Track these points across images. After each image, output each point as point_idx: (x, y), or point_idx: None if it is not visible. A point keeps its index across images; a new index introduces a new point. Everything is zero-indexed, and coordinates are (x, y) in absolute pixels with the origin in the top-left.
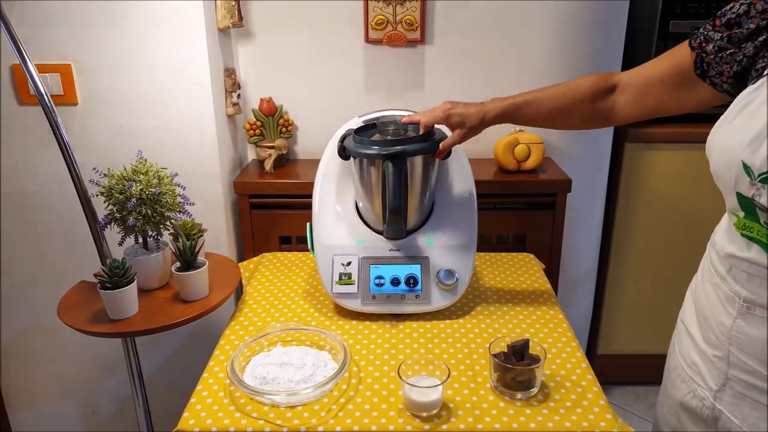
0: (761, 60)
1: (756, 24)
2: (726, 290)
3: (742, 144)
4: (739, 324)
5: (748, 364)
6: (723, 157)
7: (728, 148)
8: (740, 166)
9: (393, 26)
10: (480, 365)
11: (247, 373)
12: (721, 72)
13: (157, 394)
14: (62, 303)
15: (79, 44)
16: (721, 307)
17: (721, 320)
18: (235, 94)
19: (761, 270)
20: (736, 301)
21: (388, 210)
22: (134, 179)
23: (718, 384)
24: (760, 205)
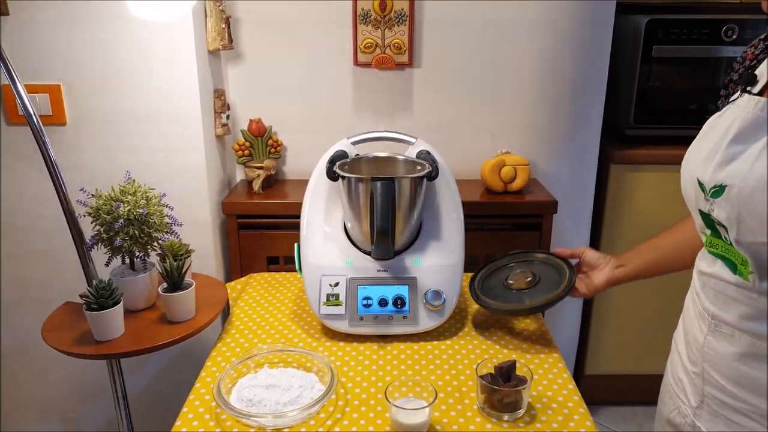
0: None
1: (740, 72)
2: (699, 306)
3: (698, 161)
4: (709, 340)
5: (719, 381)
6: (686, 175)
7: (689, 167)
8: (696, 183)
9: (381, 50)
10: (467, 387)
11: (234, 395)
12: None
13: (142, 415)
14: (47, 324)
15: (69, 65)
16: (696, 323)
17: (696, 336)
18: (224, 114)
19: (726, 286)
20: (706, 318)
21: (376, 230)
22: (122, 200)
23: (697, 401)
24: (716, 220)
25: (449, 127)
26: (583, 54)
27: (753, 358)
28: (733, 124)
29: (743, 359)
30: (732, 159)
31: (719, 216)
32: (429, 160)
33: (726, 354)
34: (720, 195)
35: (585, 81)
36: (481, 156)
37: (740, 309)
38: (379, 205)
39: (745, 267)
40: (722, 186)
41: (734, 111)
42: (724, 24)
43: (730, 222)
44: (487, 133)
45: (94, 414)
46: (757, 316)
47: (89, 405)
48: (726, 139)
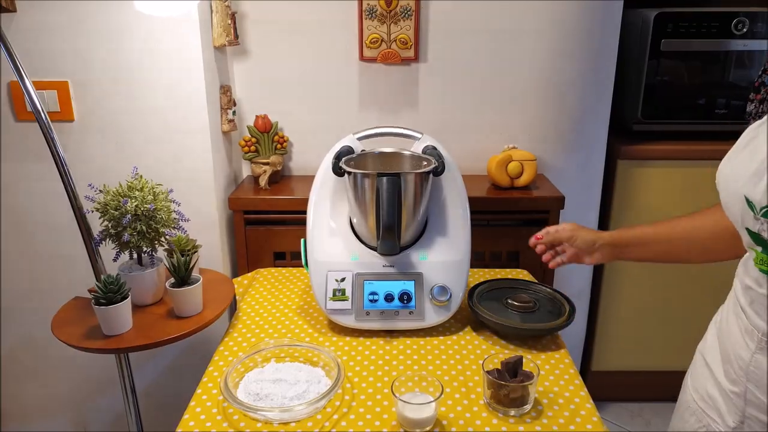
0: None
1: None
2: (746, 322)
3: (744, 178)
4: (757, 359)
5: (765, 402)
6: (729, 193)
7: (732, 183)
8: (744, 201)
9: (387, 45)
10: (473, 382)
11: (241, 389)
12: None
13: (150, 410)
14: (56, 319)
15: (76, 61)
16: (741, 340)
17: (741, 354)
18: (230, 111)
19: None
20: (755, 335)
21: (382, 226)
22: (129, 195)
23: (736, 421)
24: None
25: (455, 122)
26: (591, 49)
27: None
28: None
29: None
30: None
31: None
32: (435, 155)
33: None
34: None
35: (592, 76)
36: (488, 151)
37: None
38: (385, 201)
39: None
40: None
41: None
42: (734, 17)
43: None
44: (494, 128)
45: (104, 408)
46: None
47: (98, 399)
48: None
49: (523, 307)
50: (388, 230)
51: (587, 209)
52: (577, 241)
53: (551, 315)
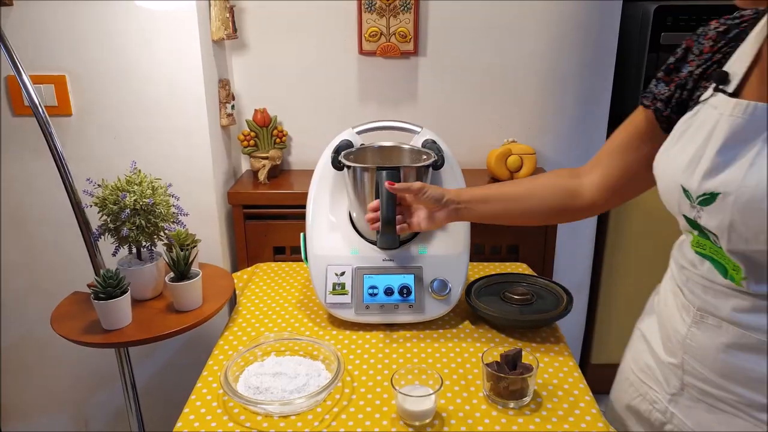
0: (698, 90)
1: (695, 65)
2: (683, 299)
3: (680, 168)
4: (693, 332)
5: (702, 372)
6: (666, 182)
7: (669, 173)
8: (680, 189)
9: (386, 38)
10: (473, 374)
11: (241, 383)
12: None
13: (150, 404)
14: (55, 313)
15: (74, 55)
16: (678, 316)
17: (678, 328)
18: (229, 105)
19: (713, 283)
20: (691, 310)
21: (381, 220)
22: (128, 190)
23: (676, 389)
24: (704, 228)
25: (455, 116)
26: (590, 42)
27: (740, 349)
28: (717, 129)
29: (730, 350)
30: (723, 166)
31: (708, 224)
32: (435, 149)
33: (711, 346)
34: (711, 203)
35: (592, 69)
36: (488, 145)
37: (732, 303)
38: (384, 195)
39: (737, 272)
40: (713, 194)
41: (711, 113)
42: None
43: (721, 230)
44: (493, 122)
45: (104, 403)
46: (750, 309)
47: (99, 394)
48: (712, 145)
49: (521, 299)
50: (388, 224)
51: None
52: (427, 192)
53: (549, 307)
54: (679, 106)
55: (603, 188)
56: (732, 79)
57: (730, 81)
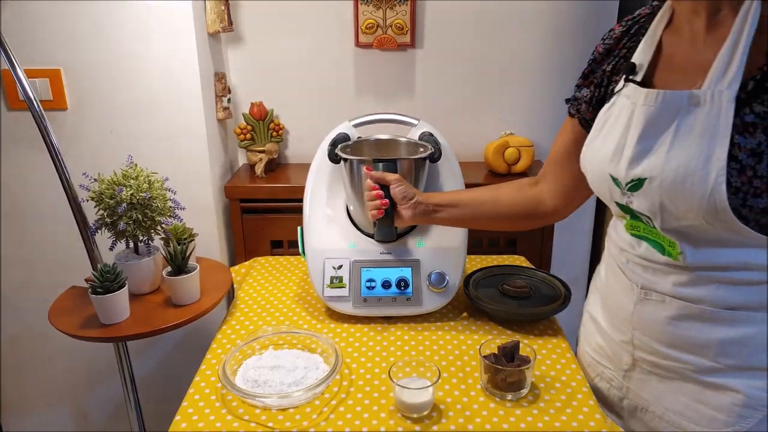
0: (611, 84)
1: (606, 64)
2: (625, 280)
3: (606, 159)
4: (639, 309)
5: (651, 345)
6: (595, 173)
7: (596, 165)
8: (609, 179)
9: (383, 30)
10: (470, 366)
11: (239, 376)
12: None
13: (149, 398)
14: (53, 308)
15: (69, 49)
16: (622, 295)
17: (624, 307)
18: (225, 98)
19: (652, 262)
20: (634, 289)
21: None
22: (124, 184)
23: (628, 364)
24: (636, 211)
25: (452, 108)
26: (588, 33)
27: (684, 319)
28: (634, 119)
29: (675, 322)
30: (645, 153)
31: (640, 207)
32: (432, 141)
33: (657, 319)
34: (639, 188)
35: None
36: (485, 138)
37: (672, 278)
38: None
39: (673, 248)
40: (640, 179)
41: (625, 103)
42: None
43: (653, 212)
44: (491, 114)
45: (103, 396)
46: (688, 283)
47: (97, 388)
48: (632, 134)
49: (519, 292)
50: (385, 217)
51: None
52: (399, 187)
53: (547, 300)
54: (599, 103)
55: (559, 196)
56: (639, 70)
57: (638, 71)
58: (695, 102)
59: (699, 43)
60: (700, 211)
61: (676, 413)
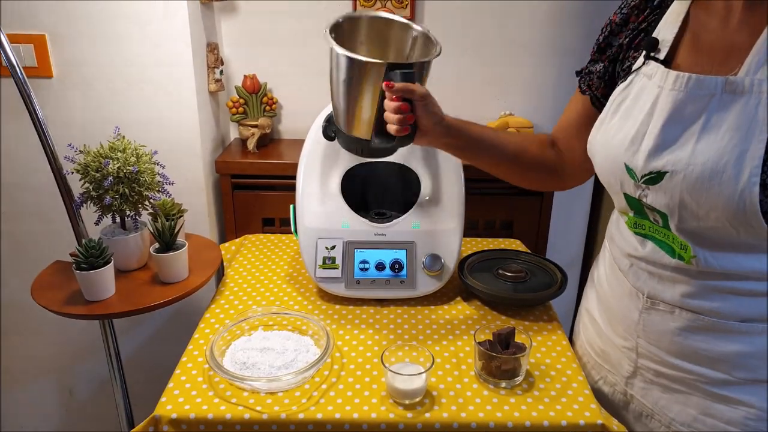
0: (627, 61)
1: (624, 36)
2: (629, 286)
3: (622, 146)
4: (645, 318)
5: (657, 355)
6: (607, 160)
7: (610, 151)
8: (623, 168)
9: (382, 3)
10: (464, 353)
11: (227, 358)
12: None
13: (136, 376)
14: (36, 283)
15: (54, 14)
16: (627, 301)
17: (628, 315)
18: (217, 70)
19: (662, 267)
20: (640, 297)
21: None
22: (111, 156)
23: (629, 371)
24: (647, 205)
25: (451, 86)
26: (590, 14)
27: (695, 331)
28: (659, 105)
29: (685, 333)
30: (669, 144)
31: (655, 203)
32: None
33: (666, 330)
34: (658, 182)
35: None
36: (484, 118)
37: (680, 289)
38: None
39: (685, 251)
40: (661, 173)
41: (646, 84)
42: None
43: (670, 209)
44: (491, 93)
45: (88, 374)
46: (698, 294)
47: (83, 365)
48: (656, 122)
49: (515, 276)
50: (409, 135)
51: None
52: (429, 104)
53: (543, 285)
54: (613, 79)
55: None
56: (662, 46)
57: (660, 48)
58: (731, 89)
59: (733, 21)
60: (725, 213)
61: (683, 424)
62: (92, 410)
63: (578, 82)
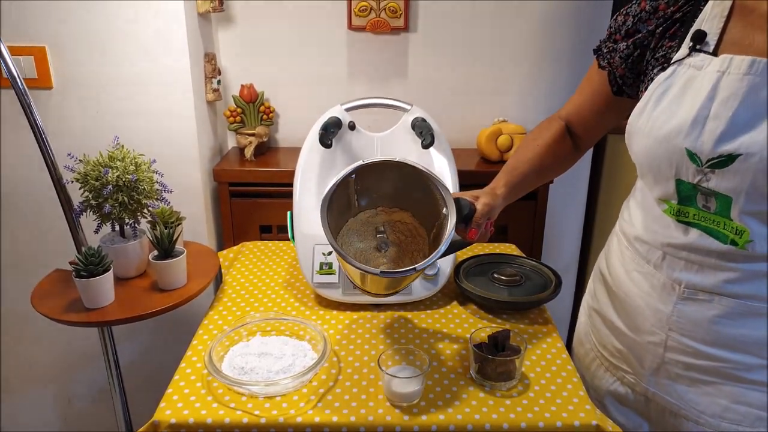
0: (660, 49)
1: (654, 24)
2: (663, 279)
3: (681, 131)
4: (679, 309)
5: (690, 345)
6: (659, 146)
7: (664, 137)
8: (683, 153)
9: (376, 13)
10: (460, 356)
11: (226, 363)
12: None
13: (134, 383)
14: (36, 291)
15: (54, 26)
16: (658, 294)
17: (658, 307)
18: (215, 79)
19: (706, 255)
20: (675, 288)
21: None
22: (110, 165)
23: (653, 368)
24: (706, 190)
25: (445, 93)
26: (583, 21)
27: (734, 317)
28: (720, 90)
29: (722, 320)
30: (743, 127)
31: (719, 186)
32: (425, 127)
33: (702, 319)
34: (727, 165)
35: (584, 47)
36: (478, 124)
37: (723, 275)
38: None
39: (740, 236)
40: (731, 155)
41: (695, 74)
42: None
43: (737, 192)
44: (484, 101)
45: (87, 380)
46: (742, 279)
47: (82, 372)
48: (722, 106)
49: (510, 280)
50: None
51: (576, 182)
52: (493, 215)
53: (538, 288)
54: (635, 63)
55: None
56: (709, 39)
57: (708, 41)
58: None
59: None
60: None
61: (713, 416)
62: (91, 418)
63: (596, 59)
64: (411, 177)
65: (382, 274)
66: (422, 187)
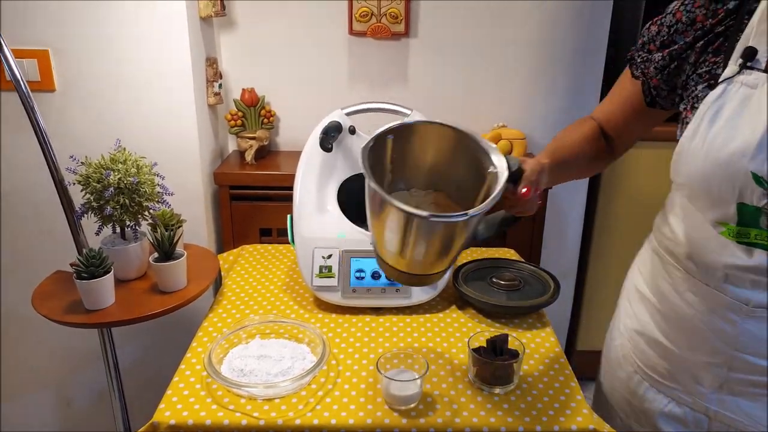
0: (703, 65)
1: (692, 36)
2: (728, 299)
3: (743, 154)
4: (746, 328)
5: (755, 364)
6: (718, 169)
7: (725, 160)
8: (748, 176)
9: (377, 18)
10: (459, 359)
11: (225, 365)
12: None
13: (134, 385)
14: (37, 293)
15: (57, 29)
16: (721, 314)
17: (722, 328)
18: (216, 83)
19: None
20: (741, 307)
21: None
22: (112, 168)
23: (714, 387)
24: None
25: (446, 98)
26: (583, 25)
27: None
28: None
29: None
30: None
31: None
32: None
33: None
34: None
35: (584, 53)
36: (477, 130)
37: None
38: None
39: None
40: None
41: (750, 93)
42: None
43: None
44: (484, 106)
45: (87, 382)
46: None
47: (82, 373)
48: None
49: (508, 285)
50: None
51: (575, 188)
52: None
53: (536, 293)
54: (671, 75)
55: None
56: (760, 56)
57: (759, 58)
58: None
59: None
60: None
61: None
62: (91, 420)
63: (629, 67)
64: (448, 148)
65: (431, 217)
66: (462, 158)
